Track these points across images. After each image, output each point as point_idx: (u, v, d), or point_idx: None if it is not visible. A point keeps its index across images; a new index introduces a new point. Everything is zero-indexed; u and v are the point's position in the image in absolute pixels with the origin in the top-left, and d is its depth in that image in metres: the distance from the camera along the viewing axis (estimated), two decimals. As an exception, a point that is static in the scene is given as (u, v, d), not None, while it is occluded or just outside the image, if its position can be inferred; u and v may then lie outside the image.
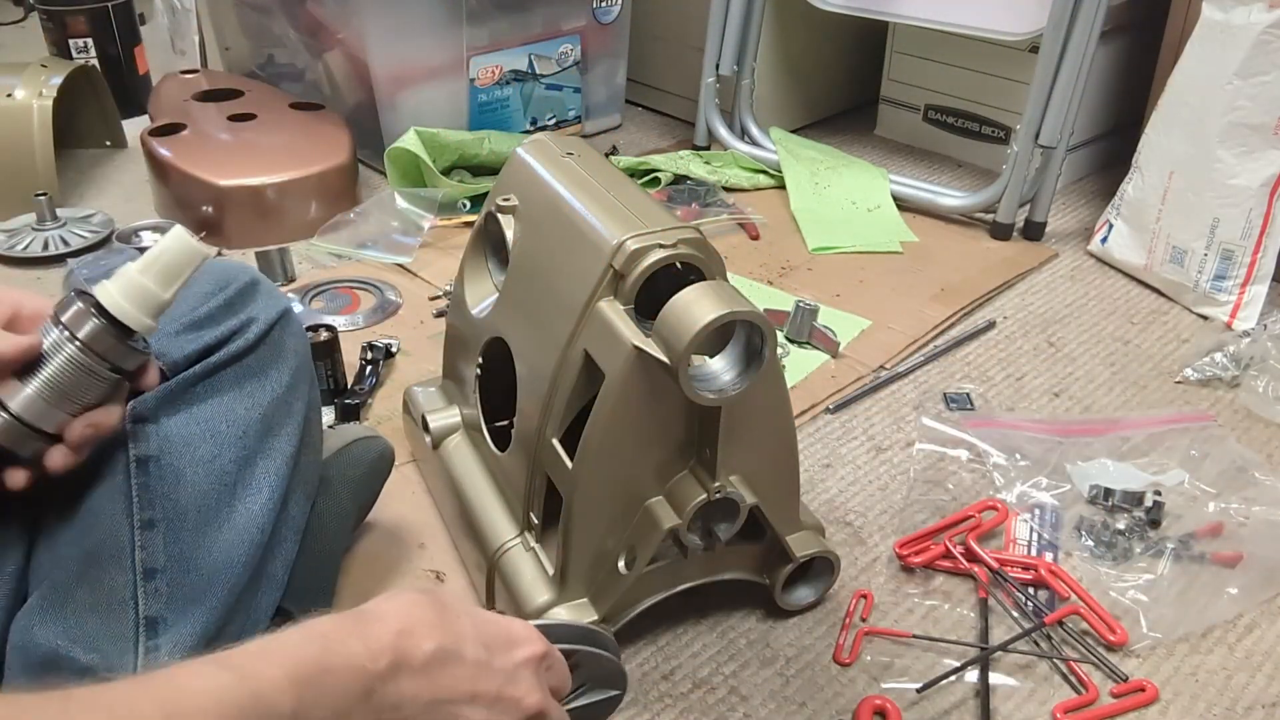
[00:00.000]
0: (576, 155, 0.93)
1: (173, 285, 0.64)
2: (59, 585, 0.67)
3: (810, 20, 1.76)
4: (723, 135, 1.80)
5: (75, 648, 0.65)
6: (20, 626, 0.67)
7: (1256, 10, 1.26)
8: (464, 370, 1.01)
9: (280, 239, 1.51)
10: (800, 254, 1.53)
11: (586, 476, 0.80)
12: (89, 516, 0.68)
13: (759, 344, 0.75)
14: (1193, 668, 0.90)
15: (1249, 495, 1.06)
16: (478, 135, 1.67)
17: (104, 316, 0.63)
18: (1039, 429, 1.16)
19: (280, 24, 1.84)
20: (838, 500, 1.08)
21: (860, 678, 0.89)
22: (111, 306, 0.63)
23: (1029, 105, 1.49)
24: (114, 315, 0.63)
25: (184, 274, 0.65)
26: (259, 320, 0.76)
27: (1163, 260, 1.41)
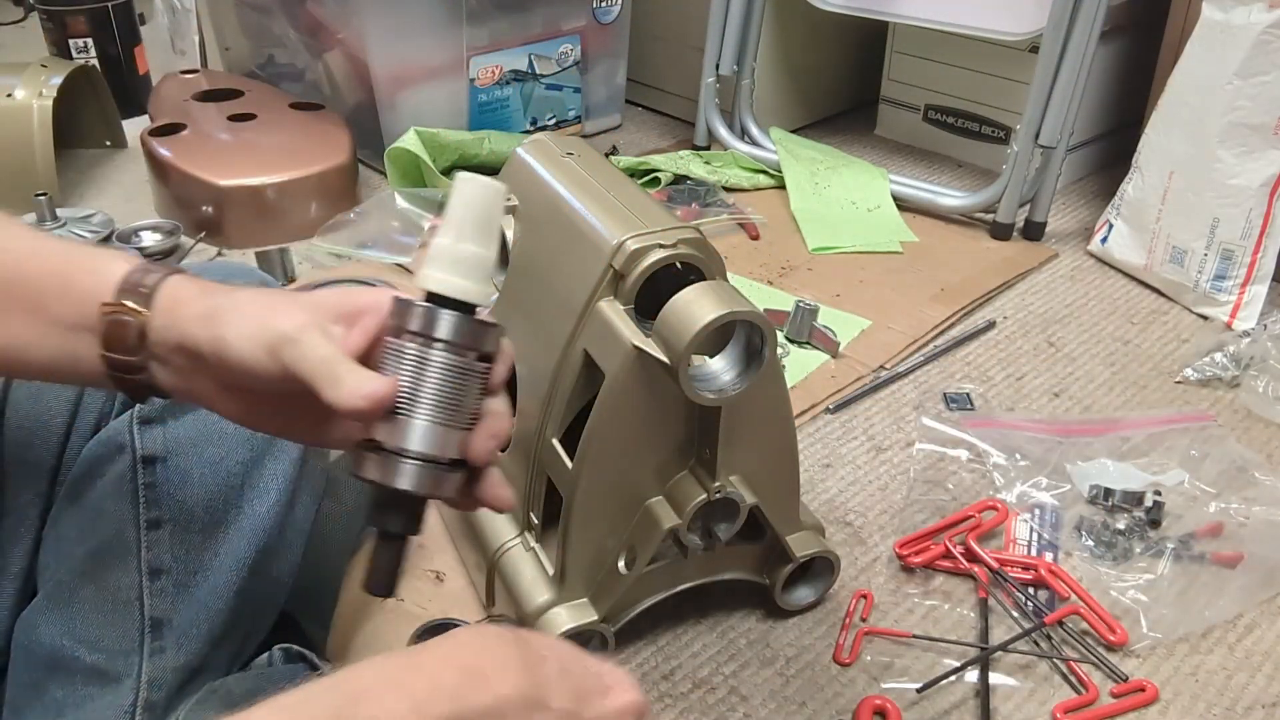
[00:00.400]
0: (576, 155, 0.93)
1: (493, 238, 0.55)
2: (64, 584, 0.67)
3: (810, 20, 1.76)
4: (723, 135, 1.80)
5: (80, 647, 0.65)
6: (25, 624, 0.67)
7: (1256, 10, 1.26)
8: (464, 370, 1.01)
9: (280, 239, 1.51)
10: (800, 254, 1.53)
11: (586, 476, 0.80)
12: (95, 516, 0.68)
13: (759, 344, 0.75)
14: (1193, 668, 0.90)
15: (1249, 495, 1.05)
16: (478, 135, 1.67)
17: (450, 304, 0.53)
18: (1039, 429, 1.16)
19: (280, 24, 1.84)
20: (838, 500, 1.08)
21: (860, 678, 0.89)
22: (451, 290, 0.53)
23: (1029, 105, 1.49)
24: (458, 299, 0.53)
25: (496, 220, 0.55)
26: None
27: (1163, 260, 1.41)
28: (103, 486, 0.68)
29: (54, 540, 0.69)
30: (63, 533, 0.69)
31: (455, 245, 0.53)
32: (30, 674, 0.66)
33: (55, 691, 0.65)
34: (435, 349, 0.53)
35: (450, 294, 0.53)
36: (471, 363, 0.53)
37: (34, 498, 0.69)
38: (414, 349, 0.52)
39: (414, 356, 0.52)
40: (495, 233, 0.55)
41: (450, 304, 0.53)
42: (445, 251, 0.53)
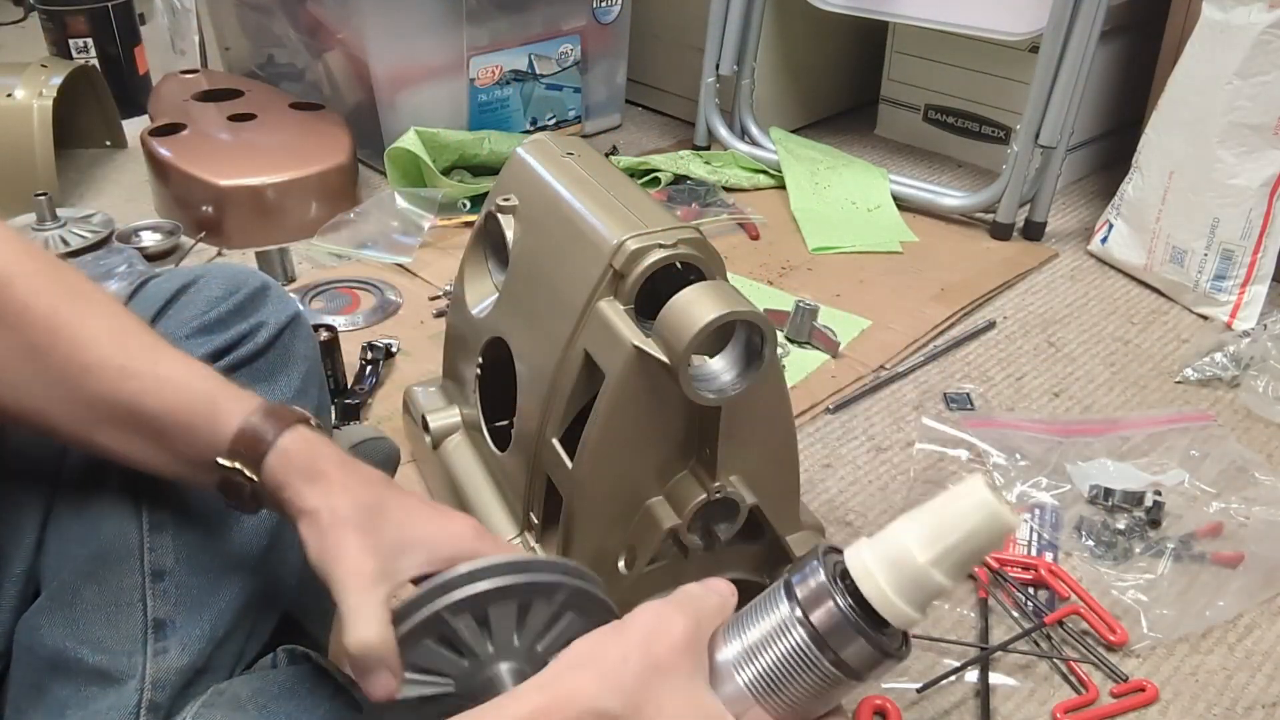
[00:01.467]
0: (576, 155, 0.93)
1: (965, 573, 0.45)
2: (67, 585, 0.67)
3: (810, 20, 1.76)
4: (723, 135, 1.80)
5: (83, 647, 0.65)
6: (28, 626, 0.67)
7: (1256, 10, 1.26)
8: (464, 370, 1.01)
9: (280, 239, 1.51)
10: (800, 254, 1.53)
11: (586, 476, 0.80)
12: (98, 517, 0.68)
13: (759, 344, 0.75)
14: (1193, 668, 0.90)
15: (1249, 495, 1.06)
16: (478, 135, 1.67)
17: (859, 606, 0.45)
18: (1039, 429, 1.16)
19: (280, 24, 1.84)
20: (838, 500, 1.08)
21: (860, 678, 0.89)
22: (877, 600, 0.45)
23: (1029, 105, 1.49)
24: (875, 607, 0.45)
25: (983, 557, 0.49)
26: (268, 324, 0.76)
27: (1163, 260, 1.41)
28: (105, 488, 0.68)
29: (56, 541, 0.69)
30: (65, 534, 0.69)
31: (922, 563, 0.44)
32: (33, 675, 0.66)
33: (58, 692, 0.65)
34: (802, 630, 0.46)
35: (873, 601, 0.45)
36: (827, 668, 0.46)
37: (36, 499, 0.69)
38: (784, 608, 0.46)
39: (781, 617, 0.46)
40: (970, 568, 0.46)
41: (862, 606, 0.45)
42: (907, 562, 0.45)
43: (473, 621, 0.58)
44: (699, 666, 0.48)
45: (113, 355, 0.62)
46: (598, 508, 0.82)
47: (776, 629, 0.46)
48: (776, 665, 0.46)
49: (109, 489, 0.68)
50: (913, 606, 0.44)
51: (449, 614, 0.57)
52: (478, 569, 0.57)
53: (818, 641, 0.45)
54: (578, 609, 0.60)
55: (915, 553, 0.44)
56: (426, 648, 0.58)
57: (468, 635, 0.58)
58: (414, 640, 0.57)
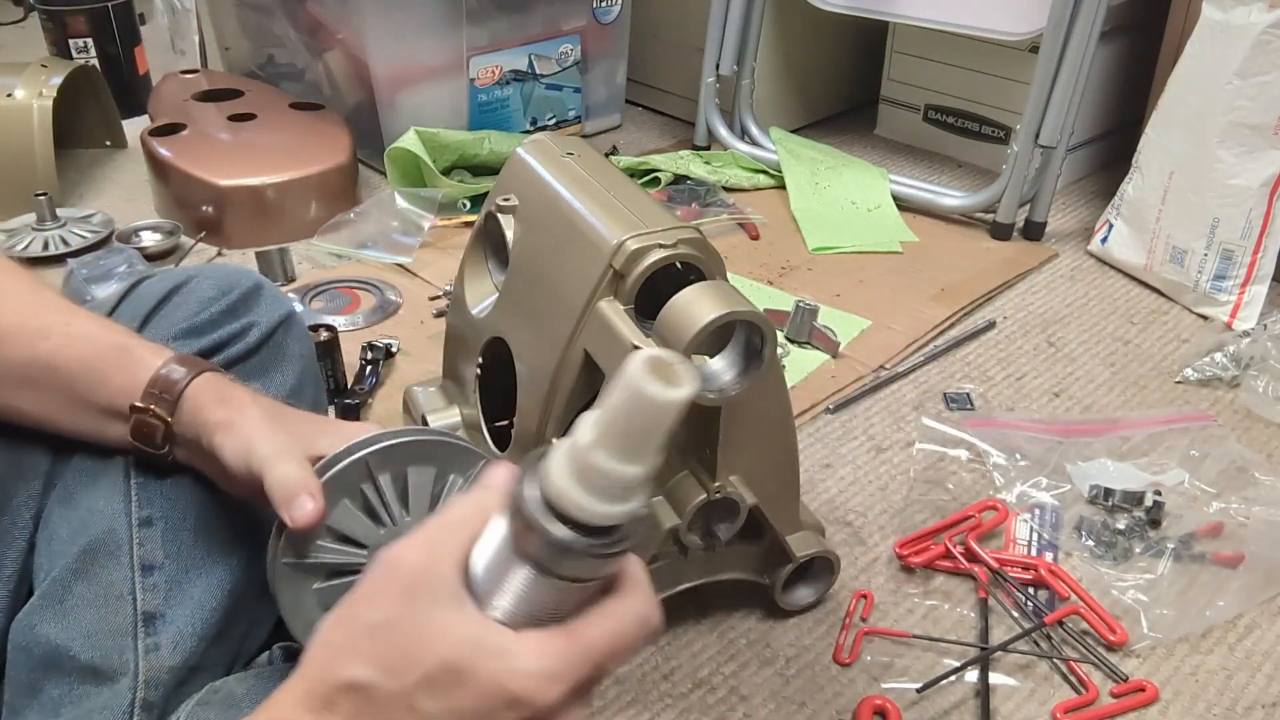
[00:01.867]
0: (576, 155, 0.93)
1: (637, 454, 0.40)
2: (59, 581, 0.67)
3: (810, 20, 1.76)
4: (723, 135, 1.80)
5: (75, 644, 0.65)
6: (22, 625, 0.67)
7: (1256, 10, 1.26)
8: (464, 370, 1.01)
9: (280, 239, 1.51)
10: (800, 254, 1.53)
11: (586, 476, 0.80)
12: (88, 514, 0.68)
13: (759, 344, 0.75)
14: (1193, 668, 0.90)
15: (1249, 495, 1.05)
16: (478, 135, 1.67)
17: (580, 528, 0.42)
18: (1039, 429, 1.16)
19: (280, 24, 1.84)
20: (838, 500, 1.08)
21: (860, 678, 0.89)
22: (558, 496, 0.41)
23: (1029, 105, 1.49)
24: (559, 505, 0.42)
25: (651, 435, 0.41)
26: (260, 324, 0.76)
27: (1163, 260, 1.41)
28: (95, 487, 0.69)
29: (47, 540, 0.69)
30: (55, 532, 0.69)
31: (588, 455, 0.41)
32: (27, 674, 0.66)
33: (52, 690, 0.65)
34: (548, 579, 0.43)
35: (562, 507, 0.41)
36: (587, 588, 0.44)
37: (27, 500, 0.70)
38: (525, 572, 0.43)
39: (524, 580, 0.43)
40: (649, 449, 0.41)
41: (580, 528, 0.42)
42: (575, 456, 0.41)
43: (391, 483, 0.61)
44: (442, 594, 0.43)
45: (26, 320, 0.65)
46: (598, 508, 0.82)
47: (499, 550, 0.43)
48: (508, 586, 0.43)
49: (100, 487, 0.68)
50: (597, 497, 0.40)
51: (374, 463, 0.59)
52: (402, 429, 0.60)
53: (529, 561, 0.42)
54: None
55: (583, 438, 0.40)
56: (345, 509, 0.60)
57: (388, 496, 0.61)
58: (335, 494, 0.59)
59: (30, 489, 0.70)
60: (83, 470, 0.69)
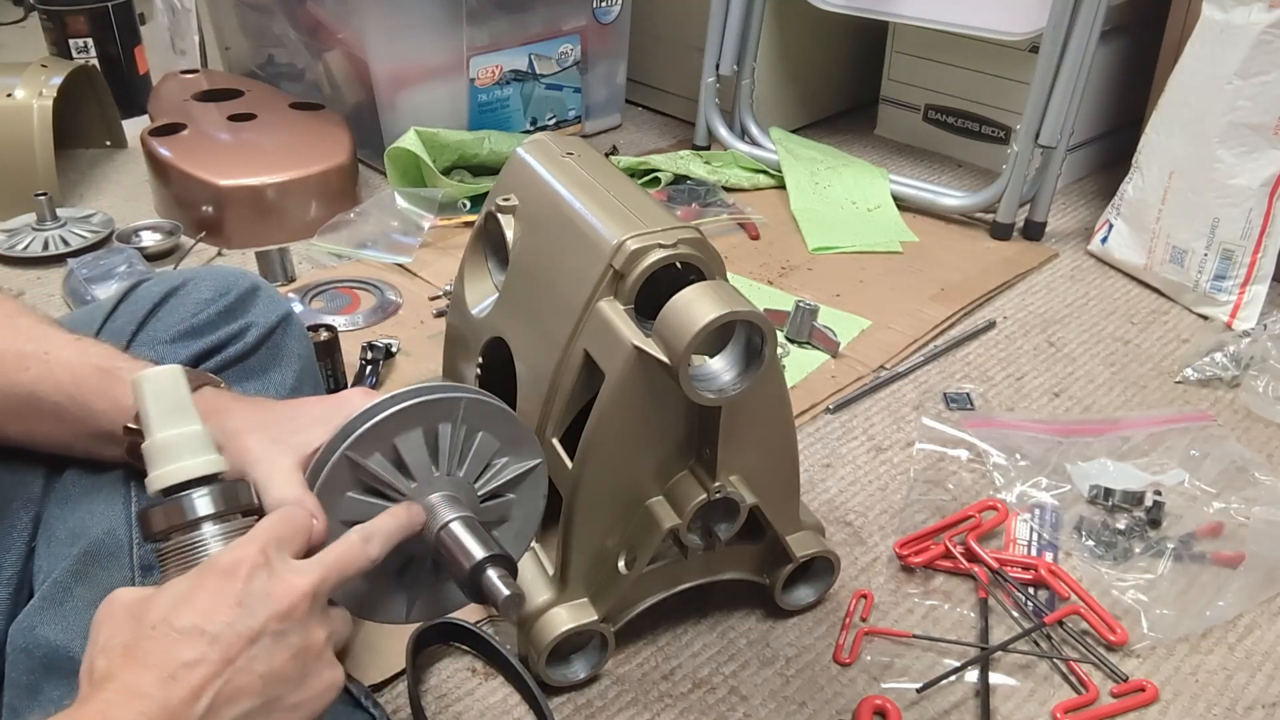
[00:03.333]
0: (576, 155, 0.93)
1: (191, 413, 0.57)
2: (59, 584, 0.67)
3: (810, 20, 1.76)
4: (723, 135, 1.80)
5: (75, 645, 0.65)
6: (22, 626, 0.67)
7: (1256, 10, 1.26)
8: (464, 370, 1.01)
9: (280, 239, 1.51)
10: (800, 254, 1.53)
11: (586, 476, 0.80)
12: (88, 516, 0.68)
13: (759, 344, 0.75)
14: (1193, 668, 0.90)
15: (1249, 495, 1.06)
16: (478, 135, 1.67)
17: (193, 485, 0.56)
18: (1039, 429, 1.16)
19: (280, 24, 1.84)
20: (838, 500, 1.08)
21: (860, 678, 0.89)
22: (187, 473, 0.56)
23: (1029, 105, 1.49)
24: (200, 475, 0.56)
25: (187, 398, 0.57)
26: (257, 325, 0.76)
27: (1163, 260, 1.41)
28: (94, 489, 0.69)
29: (46, 543, 0.69)
30: (54, 534, 0.69)
31: (168, 436, 0.56)
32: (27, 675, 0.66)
33: (52, 691, 0.65)
34: (206, 528, 0.55)
35: (188, 477, 0.55)
36: (242, 522, 0.56)
37: (26, 502, 0.70)
38: (190, 540, 0.54)
39: (193, 546, 0.55)
40: (191, 408, 0.57)
41: (193, 485, 0.55)
42: (163, 446, 0.56)
43: (384, 459, 0.61)
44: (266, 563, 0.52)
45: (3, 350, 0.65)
46: (598, 508, 0.82)
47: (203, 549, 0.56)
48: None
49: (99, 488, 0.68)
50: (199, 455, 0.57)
51: (355, 454, 0.60)
52: (370, 407, 0.61)
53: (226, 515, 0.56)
54: (486, 426, 0.64)
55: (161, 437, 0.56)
56: (350, 500, 0.61)
57: (385, 474, 0.61)
58: (334, 494, 0.60)
59: (29, 492, 0.70)
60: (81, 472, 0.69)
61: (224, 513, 0.55)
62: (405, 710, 0.84)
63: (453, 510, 0.62)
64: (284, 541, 0.53)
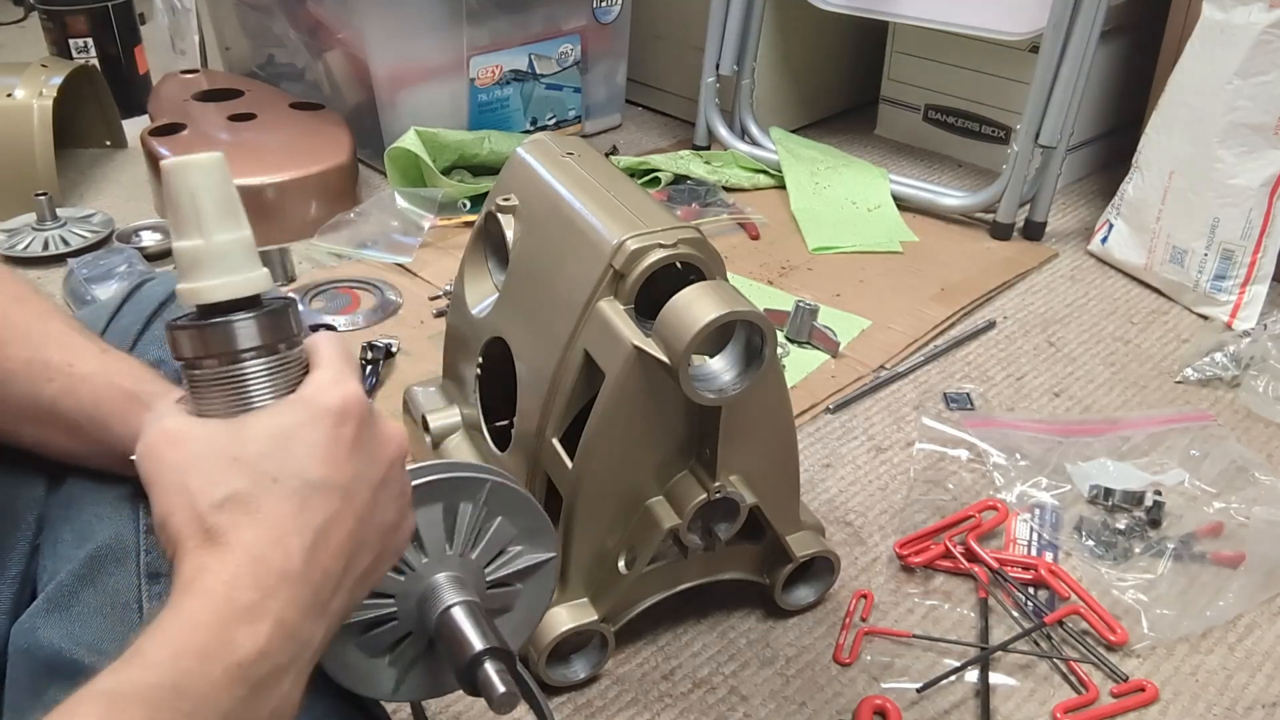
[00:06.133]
0: (576, 155, 0.93)
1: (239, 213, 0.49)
2: (64, 587, 0.67)
3: (810, 20, 1.76)
4: (723, 135, 1.80)
5: (79, 649, 0.65)
6: (24, 629, 0.67)
7: (1256, 10, 1.26)
8: (464, 370, 1.01)
9: (280, 239, 1.51)
10: (800, 254, 1.53)
11: (586, 476, 0.80)
12: (95, 520, 0.68)
13: (759, 344, 0.75)
14: (1193, 668, 0.90)
15: (1249, 495, 1.06)
16: (478, 135, 1.67)
17: (234, 307, 0.47)
18: (1039, 429, 1.16)
19: (280, 24, 1.84)
20: (838, 500, 1.08)
21: (860, 678, 0.89)
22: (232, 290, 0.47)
23: (1029, 105, 1.49)
24: (243, 297, 0.47)
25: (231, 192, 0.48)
26: None
27: (1163, 260, 1.41)
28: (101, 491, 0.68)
29: (51, 544, 0.69)
30: (60, 536, 0.68)
31: (207, 242, 0.47)
32: (29, 678, 0.66)
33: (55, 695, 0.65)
34: (248, 361, 0.47)
35: (230, 296, 0.47)
36: (287, 355, 0.48)
37: (30, 502, 0.69)
38: (230, 372, 0.46)
39: (233, 379, 0.47)
40: (236, 208, 0.48)
41: (235, 306, 0.47)
42: (197, 254, 0.47)
43: None
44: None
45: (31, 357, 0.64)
46: (598, 508, 0.82)
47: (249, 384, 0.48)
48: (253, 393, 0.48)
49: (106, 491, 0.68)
50: (243, 271, 0.47)
51: None
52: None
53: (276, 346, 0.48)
54: (507, 513, 0.61)
55: (196, 243, 0.47)
56: None
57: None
58: None
59: (34, 492, 0.70)
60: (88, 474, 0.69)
61: (272, 344, 0.47)
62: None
63: (457, 593, 0.58)
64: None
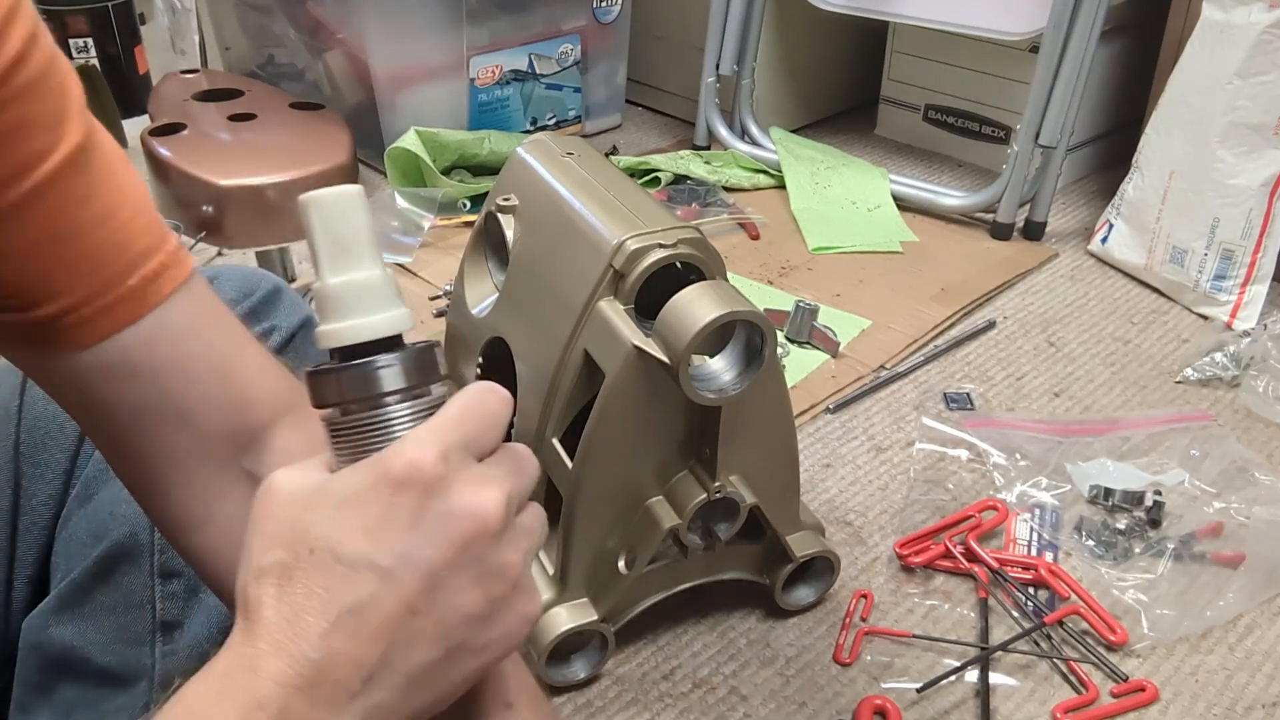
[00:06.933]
0: (576, 155, 0.93)
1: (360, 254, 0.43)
2: (78, 584, 0.67)
3: (810, 20, 1.76)
4: (723, 135, 1.80)
5: (91, 648, 0.65)
6: (35, 625, 0.67)
7: (1256, 10, 1.26)
8: (464, 370, 1.01)
9: (280, 239, 1.51)
10: (800, 254, 1.53)
11: (586, 476, 0.80)
12: (109, 519, 0.68)
13: (759, 344, 0.75)
14: (1193, 668, 0.90)
15: (1249, 495, 1.06)
16: (478, 135, 1.67)
17: (375, 348, 0.43)
18: (1039, 429, 1.16)
19: (280, 24, 1.84)
20: (838, 500, 1.08)
21: (860, 678, 0.89)
22: (371, 331, 0.43)
23: (1029, 105, 1.49)
24: (381, 338, 0.44)
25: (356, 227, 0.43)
26: (281, 329, 0.75)
27: (1163, 260, 1.41)
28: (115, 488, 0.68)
29: (65, 541, 0.69)
30: (74, 533, 0.68)
31: (344, 281, 0.43)
32: (39, 674, 0.66)
33: (65, 692, 0.65)
34: (391, 405, 0.43)
35: (371, 337, 0.43)
36: (432, 398, 0.44)
37: (47, 499, 0.69)
38: (368, 418, 0.43)
39: (374, 426, 0.43)
40: (372, 244, 0.44)
41: (375, 347, 0.43)
42: (337, 294, 0.43)
43: None
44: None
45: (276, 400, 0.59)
46: (598, 508, 0.82)
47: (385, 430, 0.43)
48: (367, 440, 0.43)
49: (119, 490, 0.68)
50: (383, 310, 0.43)
51: None
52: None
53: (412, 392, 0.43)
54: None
55: (361, 277, 0.43)
56: None
57: None
58: None
59: (51, 488, 0.70)
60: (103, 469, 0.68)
61: (413, 387, 0.43)
62: None
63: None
64: (472, 437, 0.41)
